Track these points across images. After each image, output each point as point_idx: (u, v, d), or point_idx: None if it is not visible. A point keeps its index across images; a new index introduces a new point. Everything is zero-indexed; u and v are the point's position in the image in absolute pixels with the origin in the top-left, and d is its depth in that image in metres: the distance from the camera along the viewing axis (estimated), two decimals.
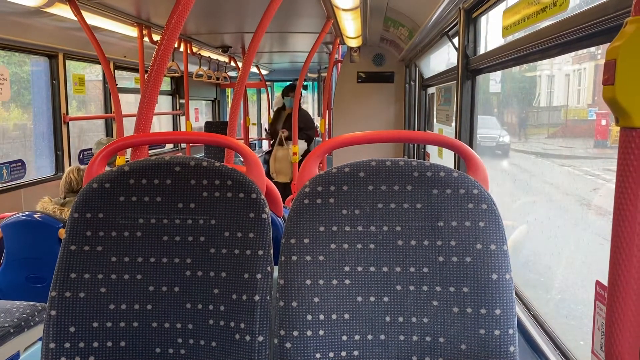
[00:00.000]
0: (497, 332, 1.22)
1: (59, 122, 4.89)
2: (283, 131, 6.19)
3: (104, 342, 1.32)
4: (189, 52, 5.58)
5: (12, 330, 2.30)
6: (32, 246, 2.76)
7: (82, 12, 3.56)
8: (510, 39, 2.14)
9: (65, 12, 3.64)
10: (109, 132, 6.09)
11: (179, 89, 7.99)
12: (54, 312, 1.31)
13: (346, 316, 1.26)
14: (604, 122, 2.51)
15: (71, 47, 4.86)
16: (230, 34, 5.59)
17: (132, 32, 4.48)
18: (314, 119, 8.83)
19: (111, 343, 1.32)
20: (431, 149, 5.11)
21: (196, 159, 1.37)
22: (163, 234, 1.35)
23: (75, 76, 5.31)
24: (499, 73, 3.35)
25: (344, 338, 1.26)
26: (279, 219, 1.96)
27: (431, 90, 4.98)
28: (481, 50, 2.70)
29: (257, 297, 1.28)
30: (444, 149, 3.80)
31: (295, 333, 1.24)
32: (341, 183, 1.29)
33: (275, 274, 1.31)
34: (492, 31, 2.60)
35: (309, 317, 1.25)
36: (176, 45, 5.22)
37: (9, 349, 2.28)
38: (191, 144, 6.33)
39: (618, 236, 0.74)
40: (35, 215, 2.77)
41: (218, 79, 6.97)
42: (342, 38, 5.20)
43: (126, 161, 1.78)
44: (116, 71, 5.98)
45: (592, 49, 2.35)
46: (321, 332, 1.25)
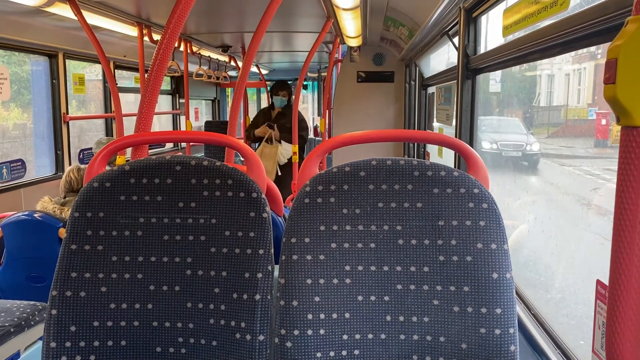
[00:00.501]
0: (497, 332, 1.22)
1: (59, 121, 4.89)
2: (269, 126, 5.73)
3: (104, 341, 1.32)
4: (189, 51, 5.58)
5: (12, 330, 2.30)
6: (32, 246, 2.76)
7: (82, 11, 3.55)
8: (510, 38, 2.14)
9: (65, 11, 3.63)
10: (109, 132, 6.09)
11: (179, 88, 7.99)
12: (54, 311, 1.31)
13: (347, 315, 1.26)
14: (604, 121, 2.51)
15: (71, 46, 4.86)
16: (230, 33, 5.59)
17: (132, 31, 4.48)
18: (313, 118, 8.82)
19: (112, 342, 1.32)
20: (431, 149, 5.12)
21: (197, 158, 1.37)
22: (164, 233, 1.35)
23: (75, 76, 5.31)
24: (498, 72, 3.35)
25: (345, 337, 1.26)
26: (279, 218, 1.96)
27: (431, 89, 4.98)
28: (481, 50, 2.70)
29: (257, 296, 1.28)
30: (444, 148, 3.80)
31: (296, 332, 1.24)
32: (342, 182, 1.29)
33: (276, 273, 1.32)
34: (493, 30, 2.60)
35: (310, 316, 1.25)
36: (176, 45, 5.23)
37: (9, 348, 2.28)
38: (191, 144, 6.33)
39: (619, 235, 0.74)
40: (35, 215, 2.77)
41: (218, 78, 6.97)
42: (342, 37, 5.19)
43: (126, 160, 1.78)
44: (116, 71, 5.98)
45: (592, 48, 2.35)
46: (322, 331, 1.25)
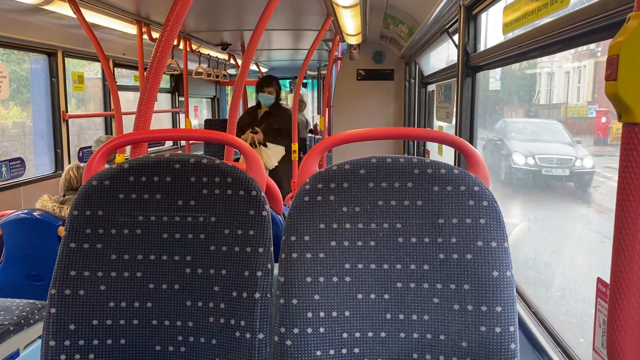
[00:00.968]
0: (498, 330, 1.21)
1: (58, 120, 4.88)
2: (254, 130, 4.83)
3: (103, 339, 1.32)
4: (188, 49, 5.57)
5: (11, 328, 2.30)
6: (31, 244, 2.76)
7: (81, 9, 3.54)
8: (510, 35, 2.14)
9: (64, 9, 3.63)
10: (108, 130, 6.08)
11: (178, 86, 7.98)
12: (53, 310, 1.31)
13: (347, 313, 1.26)
14: (604, 119, 2.51)
15: (70, 44, 4.85)
16: (229, 31, 5.58)
17: (132, 29, 4.47)
18: (313, 116, 8.80)
19: (111, 341, 1.32)
20: (431, 147, 5.11)
21: (196, 156, 1.37)
22: (163, 231, 1.35)
23: (75, 74, 5.30)
24: (498, 70, 3.35)
25: (345, 335, 1.26)
26: (279, 216, 1.96)
27: (431, 87, 4.97)
28: (481, 48, 2.69)
29: (257, 295, 1.28)
30: (444, 146, 3.80)
31: (296, 330, 1.24)
32: (341, 180, 1.29)
33: (276, 271, 1.31)
34: (493, 28, 2.60)
35: (310, 314, 1.25)
36: (175, 43, 5.22)
37: (8, 346, 2.28)
38: (191, 142, 6.32)
39: (620, 232, 0.73)
40: (34, 213, 2.77)
41: (217, 76, 6.96)
42: (341, 35, 5.19)
43: (126, 159, 1.77)
44: (115, 69, 5.97)
45: (591, 46, 2.35)
46: (322, 330, 1.25)
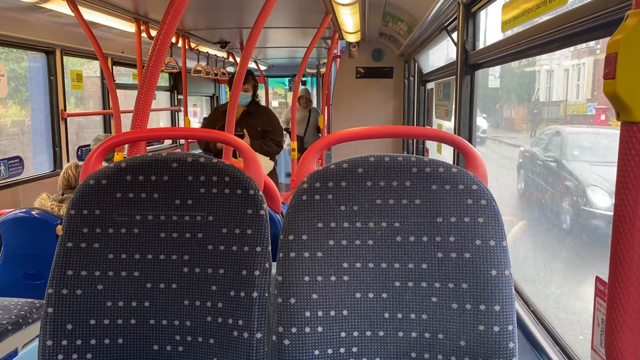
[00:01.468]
0: (496, 329, 1.21)
1: (56, 118, 4.87)
2: (240, 132, 4.22)
3: (101, 339, 1.31)
4: (187, 47, 5.56)
5: (10, 328, 2.30)
6: (30, 243, 2.75)
7: (79, 7, 3.54)
8: (509, 33, 2.13)
9: (62, 7, 3.62)
10: (107, 129, 6.07)
11: (177, 84, 7.97)
12: (50, 310, 1.30)
13: (345, 312, 1.26)
14: (603, 117, 2.50)
15: (69, 42, 4.84)
16: (228, 29, 5.57)
17: (130, 27, 4.46)
18: None
19: (108, 340, 1.32)
20: (430, 145, 5.11)
21: (193, 155, 1.36)
22: (160, 230, 1.34)
23: (73, 72, 5.29)
24: (497, 68, 3.34)
25: (343, 334, 1.25)
26: (277, 215, 1.95)
27: (430, 85, 4.97)
28: (480, 45, 2.69)
29: (255, 294, 1.28)
30: (443, 144, 3.79)
31: (294, 330, 1.24)
32: (339, 179, 1.28)
33: (274, 270, 1.31)
34: (492, 26, 2.59)
35: (308, 313, 1.24)
36: (174, 41, 5.21)
37: (7, 346, 2.28)
38: (189, 140, 6.32)
39: (619, 231, 0.73)
40: (33, 212, 2.76)
41: (217, 74, 6.95)
42: (340, 33, 5.18)
43: (124, 157, 1.77)
44: (115, 67, 5.95)
45: (591, 43, 2.34)
46: (319, 329, 1.24)
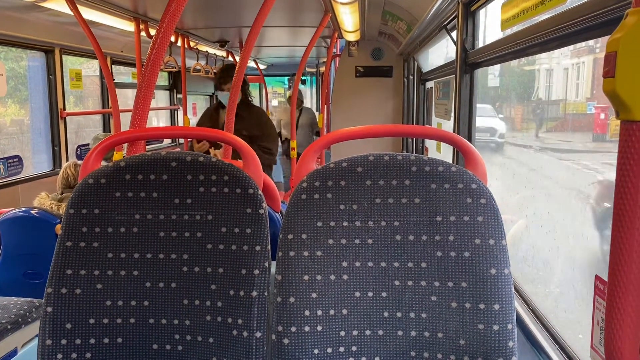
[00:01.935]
0: (496, 327, 1.21)
1: (56, 117, 4.87)
2: (214, 144, 3.73)
3: (100, 338, 1.31)
4: (186, 46, 5.55)
5: (9, 327, 2.30)
6: (29, 242, 2.75)
7: (78, 6, 3.53)
8: (509, 32, 2.13)
9: (61, 6, 3.61)
10: (106, 128, 6.07)
11: (176, 84, 7.96)
12: (50, 309, 1.30)
13: (344, 312, 1.26)
14: (602, 116, 2.50)
15: (68, 42, 4.83)
16: (227, 28, 5.56)
17: (129, 26, 4.45)
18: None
19: (108, 339, 1.31)
20: (430, 144, 5.11)
21: (193, 154, 1.36)
22: (159, 229, 1.34)
23: (72, 71, 5.29)
24: (497, 67, 3.34)
25: (342, 333, 1.25)
26: (276, 214, 1.95)
27: (429, 84, 4.96)
28: (480, 44, 2.69)
29: (254, 293, 1.27)
30: (442, 143, 3.79)
31: (293, 329, 1.24)
32: (339, 178, 1.28)
33: (273, 269, 1.31)
34: (491, 24, 2.59)
35: (307, 312, 1.24)
36: (173, 40, 5.21)
37: (6, 345, 2.28)
38: (188, 139, 6.31)
39: (618, 230, 0.73)
40: (32, 211, 2.76)
41: (216, 73, 6.95)
42: (340, 32, 5.18)
43: (123, 157, 1.77)
44: (113, 66, 5.95)
45: (590, 42, 2.34)
46: (319, 328, 1.24)
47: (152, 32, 4.50)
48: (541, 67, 3.03)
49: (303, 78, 11.20)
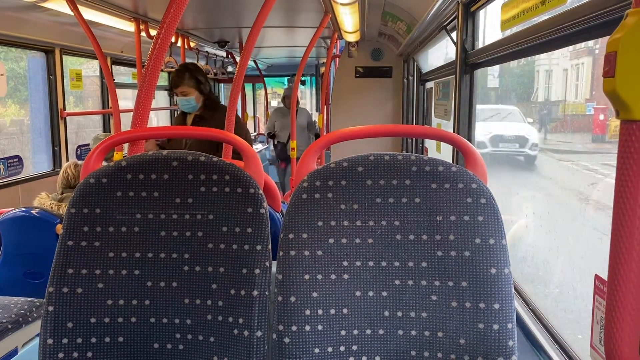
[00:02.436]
0: (496, 327, 1.22)
1: (56, 117, 4.87)
2: (160, 146, 3.38)
3: (101, 337, 1.32)
4: (186, 47, 5.56)
5: (10, 326, 2.30)
6: (29, 242, 2.76)
7: (79, 6, 3.53)
8: (508, 33, 2.14)
9: (61, 6, 3.61)
10: (106, 128, 6.07)
11: None
12: (51, 308, 1.31)
13: (345, 311, 1.26)
14: (601, 116, 2.51)
15: (68, 42, 4.83)
16: (227, 28, 5.57)
17: (130, 27, 4.46)
18: (312, 114, 8.77)
19: (109, 338, 1.32)
20: (429, 144, 5.11)
21: (194, 153, 1.36)
22: (161, 229, 1.34)
23: (72, 71, 5.29)
24: (497, 67, 3.34)
25: (343, 333, 1.26)
26: (277, 214, 1.96)
27: (429, 85, 4.97)
28: (479, 45, 2.69)
29: (255, 292, 1.28)
30: (442, 143, 3.80)
31: (294, 328, 1.24)
32: (339, 178, 1.29)
33: (274, 269, 1.31)
34: (491, 25, 2.60)
35: (308, 312, 1.25)
36: (173, 40, 5.21)
37: (7, 345, 2.28)
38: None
39: (618, 229, 0.73)
40: (32, 211, 2.77)
41: (216, 74, 6.95)
42: (340, 33, 5.18)
43: (123, 156, 1.77)
44: (114, 66, 5.95)
45: (589, 43, 2.35)
46: (320, 327, 1.25)
47: (152, 32, 4.51)
48: (540, 67, 3.03)
49: (303, 78, 11.21)
